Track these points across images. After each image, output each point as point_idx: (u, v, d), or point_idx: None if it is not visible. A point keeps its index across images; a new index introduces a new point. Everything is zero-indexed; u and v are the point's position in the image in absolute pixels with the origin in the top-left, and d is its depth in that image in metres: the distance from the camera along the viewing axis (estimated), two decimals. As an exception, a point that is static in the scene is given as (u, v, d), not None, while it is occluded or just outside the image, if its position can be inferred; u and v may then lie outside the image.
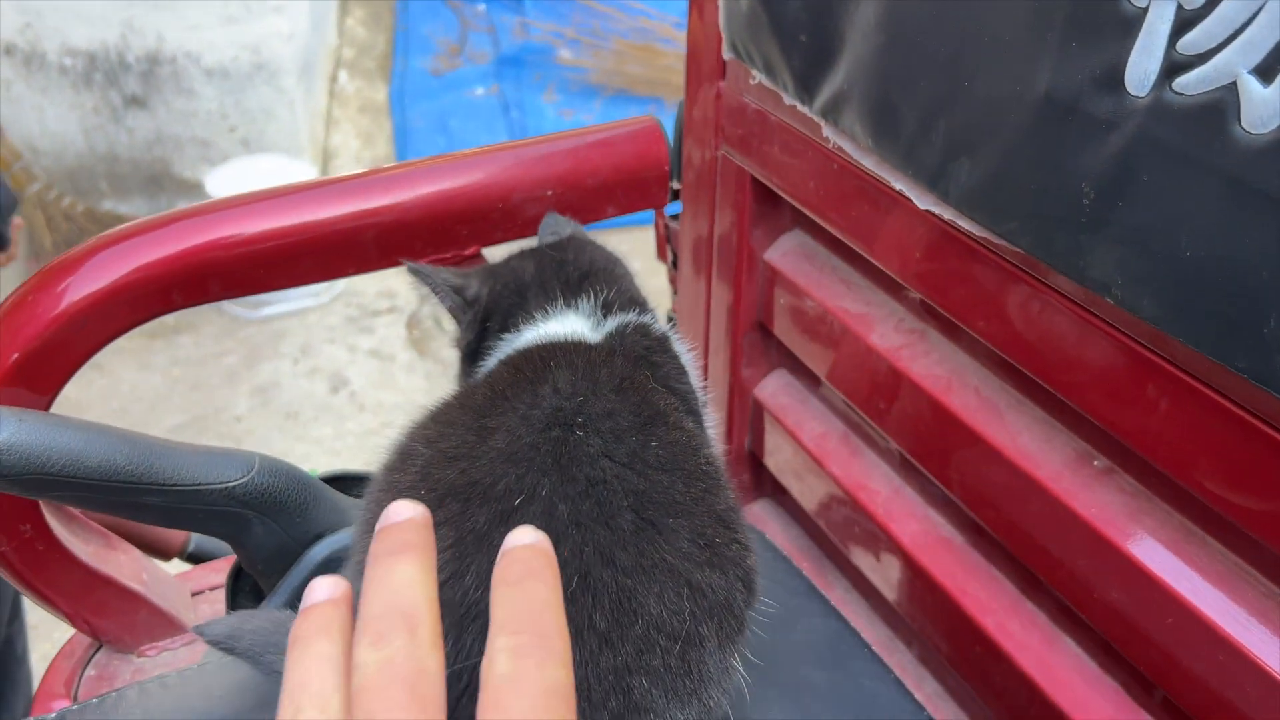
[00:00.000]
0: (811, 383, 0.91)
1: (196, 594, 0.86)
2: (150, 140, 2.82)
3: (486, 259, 0.85)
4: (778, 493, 1.00)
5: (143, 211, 2.81)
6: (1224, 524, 0.52)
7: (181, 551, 0.95)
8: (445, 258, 0.83)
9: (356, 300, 2.70)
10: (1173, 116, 0.43)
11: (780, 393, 0.93)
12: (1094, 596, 0.59)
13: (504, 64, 3.56)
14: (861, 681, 0.71)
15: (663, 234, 1.03)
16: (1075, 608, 0.61)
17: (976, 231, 0.58)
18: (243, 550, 0.69)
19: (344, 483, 0.76)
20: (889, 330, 0.75)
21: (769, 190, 0.82)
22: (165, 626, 0.80)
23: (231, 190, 0.79)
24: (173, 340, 2.54)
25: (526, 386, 0.53)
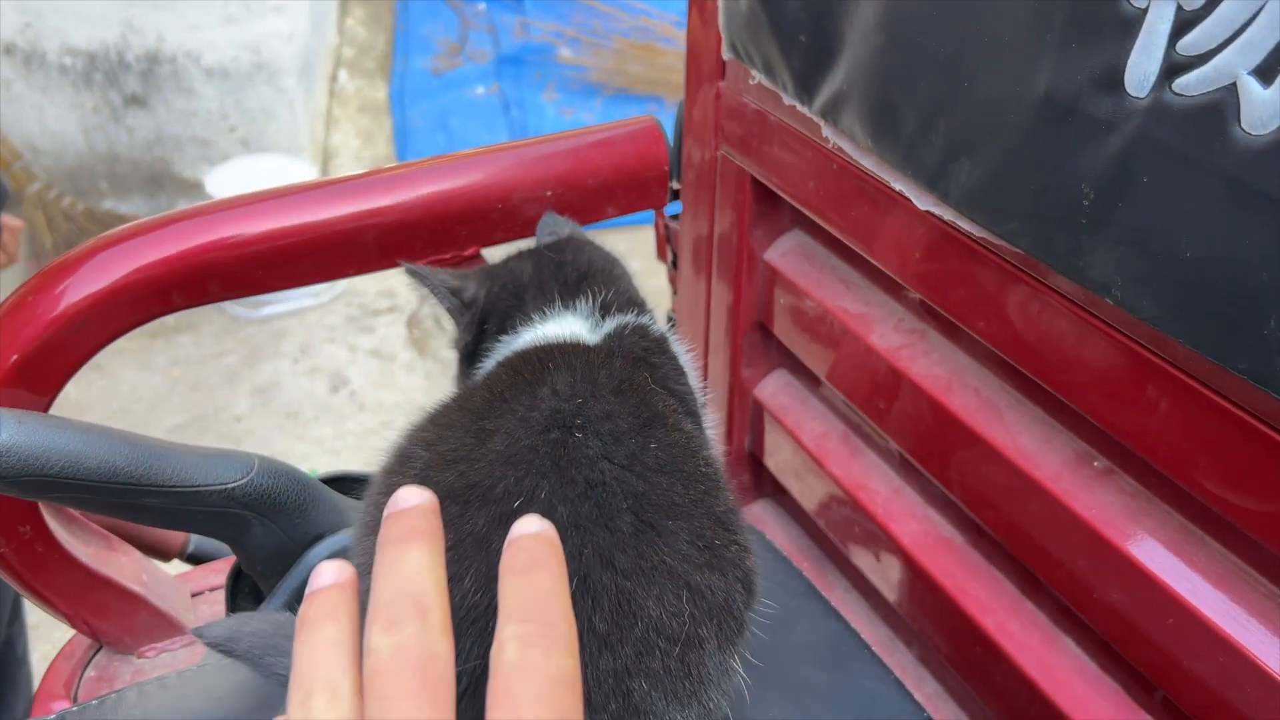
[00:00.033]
0: (811, 383, 0.91)
1: (196, 595, 0.86)
2: (150, 140, 2.82)
3: (486, 259, 0.85)
4: (778, 493, 1.00)
5: (143, 211, 2.81)
6: (1224, 525, 0.52)
7: (181, 552, 0.95)
8: (444, 258, 0.83)
9: (357, 300, 2.70)
10: (1173, 117, 0.43)
11: (780, 393, 0.93)
12: (1094, 597, 0.59)
13: (504, 63, 3.56)
14: (861, 682, 0.71)
15: (662, 234, 1.03)
16: (1075, 608, 0.61)
17: (976, 232, 0.58)
18: (242, 551, 0.69)
19: (343, 484, 0.76)
20: (889, 330, 0.75)
21: (769, 190, 0.82)
22: (165, 628, 0.80)
23: (232, 190, 0.79)
24: (173, 340, 2.54)
25: (525, 388, 0.53)
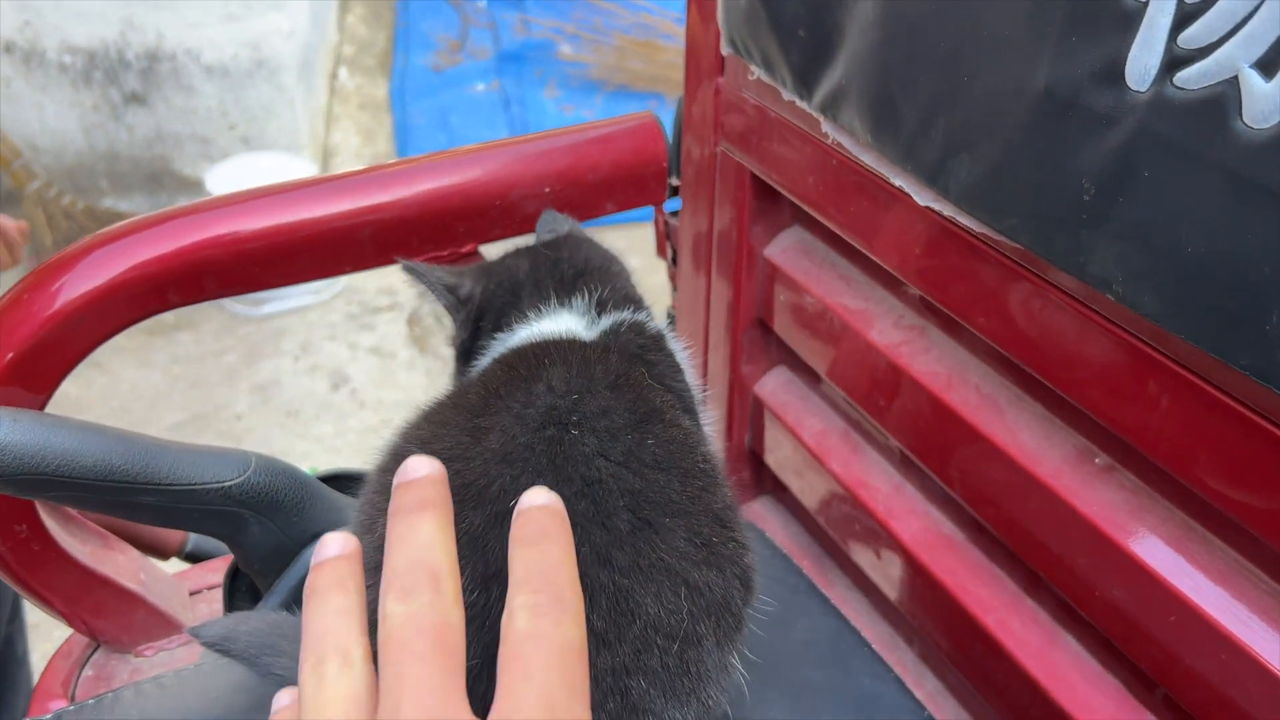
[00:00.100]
0: (812, 380, 0.90)
1: (195, 593, 0.86)
2: (150, 138, 2.82)
3: (484, 257, 0.85)
4: (778, 490, 1.00)
5: (143, 209, 2.81)
6: (1225, 521, 0.51)
7: (180, 551, 0.95)
8: (442, 255, 0.83)
9: (357, 297, 2.69)
10: (1173, 111, 0.43)
11: (780, 390, 0.92)
12: (1095, 594, 0.59)
13: (505, 60, 3.56)
14: (862, 680, 0.71)
15: (662, 230, 1.03)
16: (1076, 605, 0.61)
17: (976, 228, 0.58)
18: (239, 550, 0.68)
19: (341, 481, 0.76)
20: (888, 327, 0.75)
21: (768, 186, 0.82)
22: (163, 626, 0.80)
23: (232, 188, 0.79)
24: (173, 338, 2.54)
25: (520, 385, 0.53)
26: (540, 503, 0.41)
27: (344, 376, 2.46)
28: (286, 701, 0.42)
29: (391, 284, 2.72)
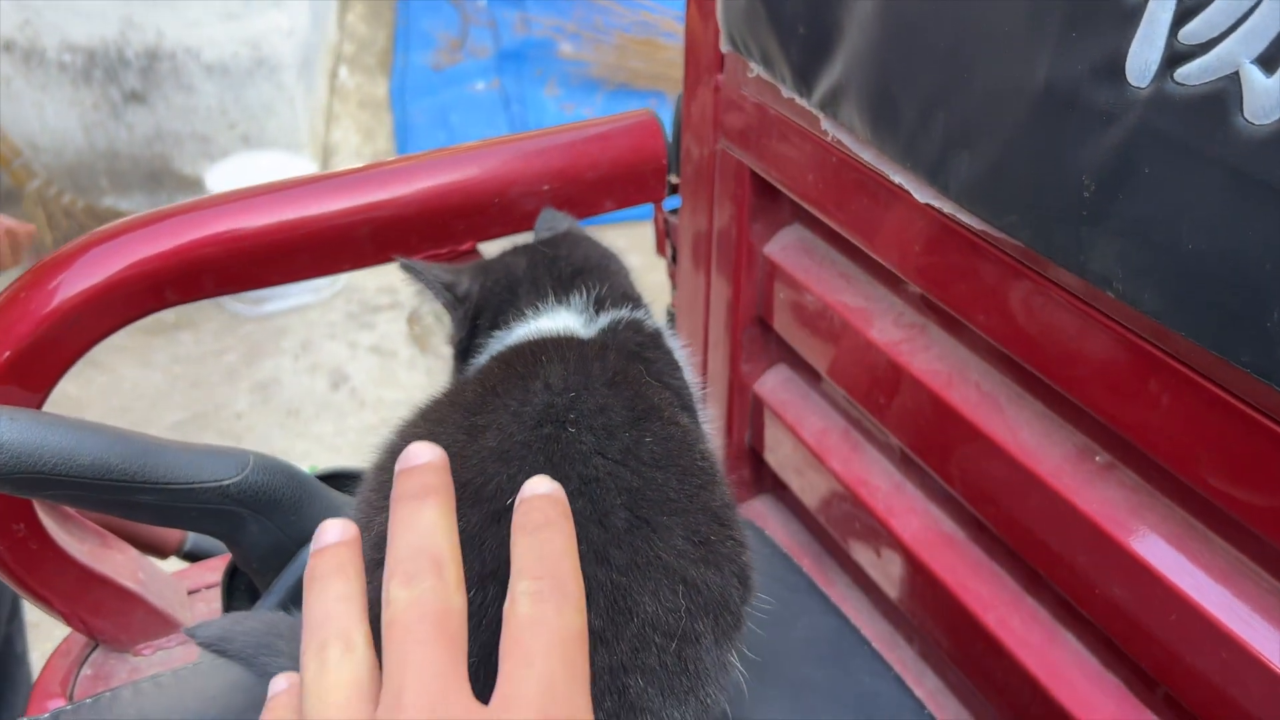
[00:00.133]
0: (812, 378, 0.90)
1: (193, 592, 0.86)
2: (150, 136, 2.82)
3: (483, 255, 0.85)
4: (778, 489, 1.00)
5: (143, 208, 2.79)
6: (1226, 519, 0.51)
7: (178, 550, 0.95)
8: (441, 253, 0.83)
9: (357, 296, 2.69)
10: (1174, 107, 0.43)
11: (780, 388, 0.92)
12: (1095, 592, 0.59)
13: (505, 59, 3.55)
14: (862, 678, 0.70)
15: (661, 229, 1.02)
16: (1077, 604, 0.61)
17: (976, 225, 0.57)
18: (238, 549, 0.68)
19: (340, 480, 0.76)
20: (889, 325, 0.75)
21: (768, 184, 0.82)
22: (162, 625, 0.80)
23: (232, 186, 0.78)
24: (173, 337, 2.54)
25: (517, 383, 0.53)
26: (543, 491, 0.41)
27: (344, 375, 2.46)
28: (283, 686, 0.42)
29: (391, 283, 2.71)
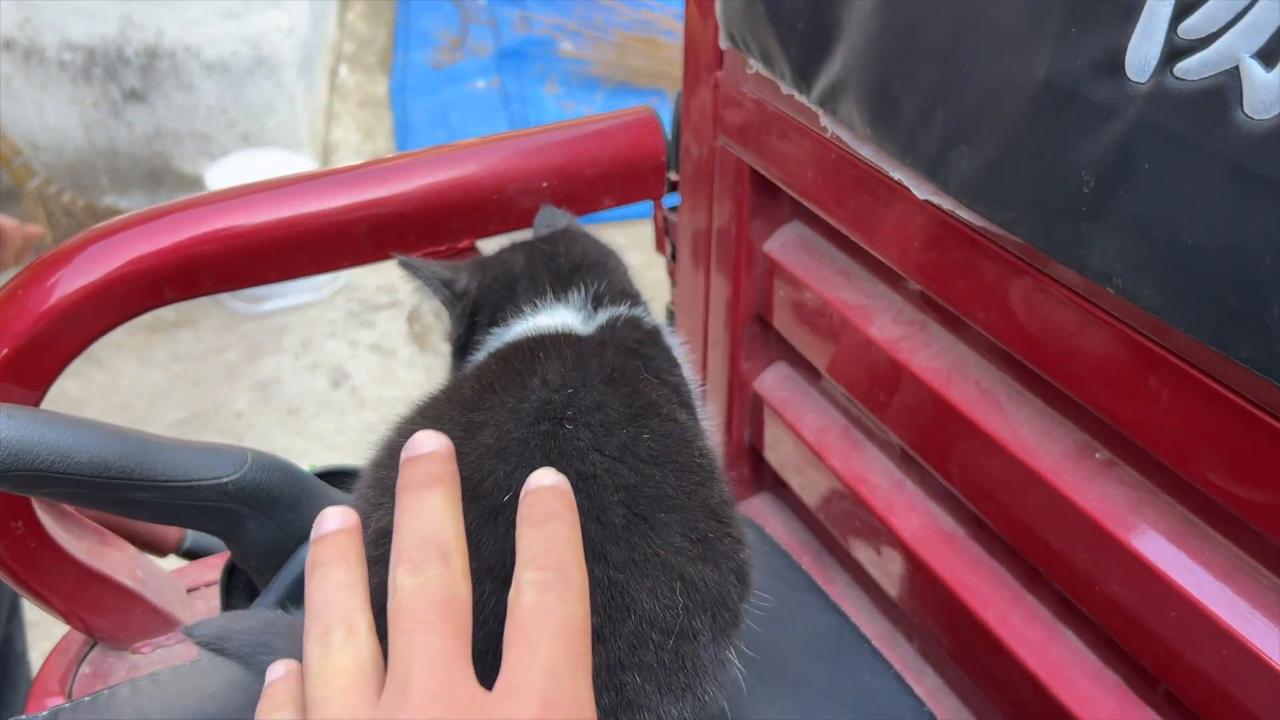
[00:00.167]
0: (811, 375, 0.90)
1: (192, 590, 0.86)
2: (150, 135, 2.81)
3: (482, 252, 0.84)
4: (778, 487, 1.00)
5: (143, 206, 2.80)
6: (1226, 516, 0.51)
7: (177, 548, 0.94)
8: (439, 251, 0.82)
9: (357, 295, 2.69)
10: (1174, 102, 0.43)
11: (780, 386, 0.92)
12: (1095, 590, 0.58)
13: (505, 57, 3.55)
14: (862, 676, 0.70)
15: (661, 226, 1.02)
16: (1077, 601, 0.61)
17: (976, 221, 0.57)
18: (236, 546, 0.68)
19: (339, 478, 0.76)
20: (888, 322, 0.75)
21: (767, 181, 0.82)
22: (160, 623, 0.80)
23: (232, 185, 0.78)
24: (173, 335, 2.53)
25: (515, 379, 0.53)
26: (548, 484, 0.42)
27: (344, 374, 2.46)
28: (281, 673, 0.42)
29: (392, 281, 2.71)
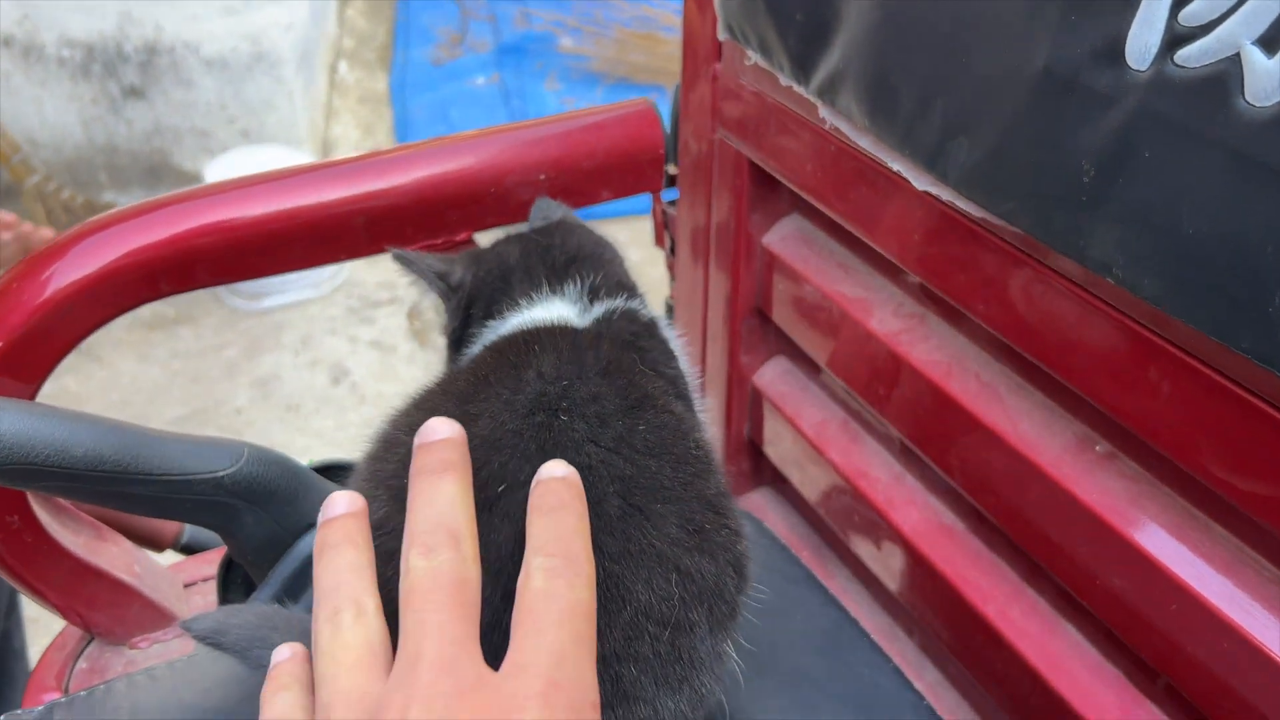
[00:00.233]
0: (811, 369, 0.90)
1: (189, 585, 0.86)
2: (149, 131, 2.81)
3: (480, 245, 0.84)
4: (777, 481, 0.99)
5: (143, 203, 2.79)
6: (1227, 508, 0.51)
7: (175, 543, 0.94)
8: (436, 244, 0.82)
9: (357, 291, 2.69)
10: (1174, 90, 0.42)
11: (779, 380, 0.92)
12: (1096, 583, 0.58)
13: (505, 53, 3.54)
14: (861, 670, 0.70)
15: (660, 220, 1.02)
16: (1077, 595, 0.60)
17: (975, 213, 0.57)
18: (233, 541, 0.68)
19: (335, 472, 0.75)
20: (888, 315, 0.74)
21: (766, 174, 0.81)
22: (158, 618, 0.80)
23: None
24: (172, 332, 2.53)
25: (510, 371, 0.52)
26: (559, 475, 0.43)
27: (344, 370, 2.46)
28: (287, 655, 0.43)
29: (391, 278, 2.71)
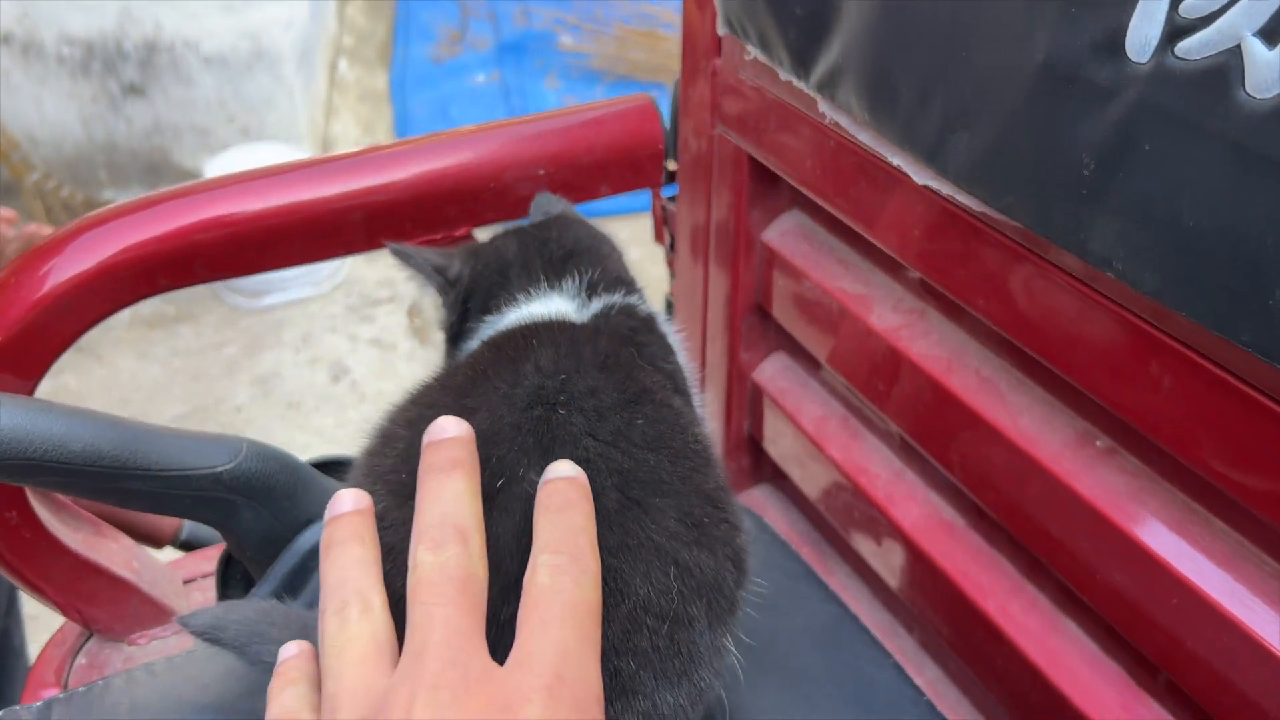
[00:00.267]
0: (811, 365, 0.90)
1: (189, 582, 0.86)
2: (149, 129, 2.81)
3: (479, 240, 0.84)
4: (778, 477, 0.99)
5: (143, 201, 2.79)
6: (1228, 503, 0.51)
7: (174, 539, 0.94)
8: (435, 239, 0.82)
9: (357, 289, 2.69)
10: (1175, 82, 0.42)
11: (779, 376, 0.91)
12: (1096, 579, 0.58)
13: (505, 50, 3.54)
14: (861, 667, 0.70)
15: (659, 216, 1.02)
16: (1077, 590, 0.60)
17: (975, 207, 0.57)
18: (232, 536, 0.68)
19: (334, 468, 0.75)
20: (888, 311, 0.74)
21: (766, 170, 0.81)
22: (157, 614, 0.80)
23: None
24: (173, 330, 2.53)
25: (508, 365, 0.52)
26: (566, 474, 0.44)
27: (344, 368, 2.46)
28: (294, 651, 0.44)
29: (391, 276, 2.71)
